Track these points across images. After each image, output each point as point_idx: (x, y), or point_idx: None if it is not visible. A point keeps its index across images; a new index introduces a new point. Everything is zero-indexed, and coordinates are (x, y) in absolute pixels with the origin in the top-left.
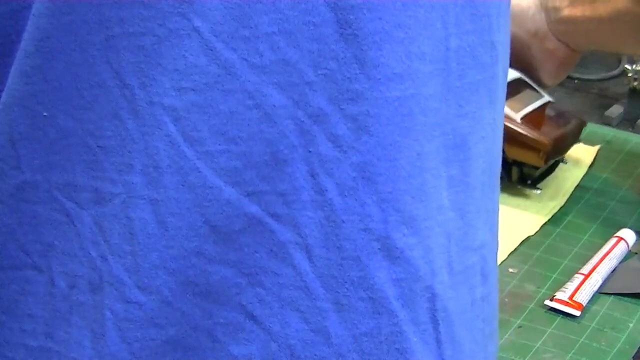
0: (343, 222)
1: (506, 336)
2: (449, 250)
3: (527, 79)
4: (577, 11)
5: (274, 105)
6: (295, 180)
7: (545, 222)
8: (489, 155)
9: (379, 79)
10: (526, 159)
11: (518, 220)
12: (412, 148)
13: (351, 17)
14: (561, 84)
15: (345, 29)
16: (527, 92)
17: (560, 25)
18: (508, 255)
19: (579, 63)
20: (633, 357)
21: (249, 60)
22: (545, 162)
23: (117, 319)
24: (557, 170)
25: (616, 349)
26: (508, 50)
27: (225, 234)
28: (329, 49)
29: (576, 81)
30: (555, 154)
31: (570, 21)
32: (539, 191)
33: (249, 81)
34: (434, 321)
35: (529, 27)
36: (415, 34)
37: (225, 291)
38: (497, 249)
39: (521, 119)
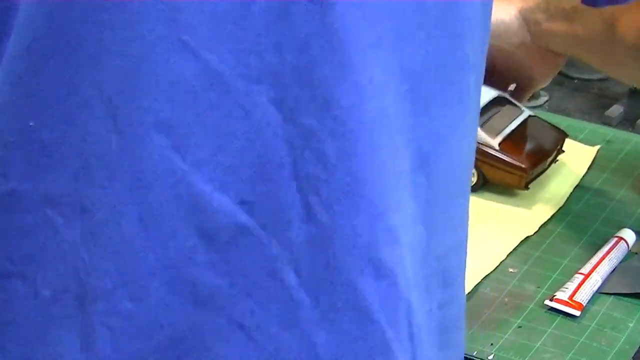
0: (331, 239)
1: (506, 336)
2: (414, 259)
3: (506, 95)
4: (556, 26)
5: (264, 118)
6: (284, 196)
7: (545, 222)
8: (457, 164)
9: (361, 94)
10: (506, 182)
11: (517, 220)
12: (390, 162)
13: (336, 25)
14: (561, 84)
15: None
16: (507, 110)
17: (541, 37)
18: (508, 255)
19: (579, 63)
20: (633, 357)
21: (240, 72)
22: (526, 185)
23: (106, 329)
24: (556, 170)
25: (616, 349)
26: (483, 57)
27: (217, 243)
28: (317, 65)
29: (576, 81)
30: (536, 175)
31: (549, 34)
32: (527, 190)
33: (240, 92)
34: (411, 336)
35: (513, 40)
36: (389, 48)
37: (216, 300)
38: (465, 253)
39: (499, 144)
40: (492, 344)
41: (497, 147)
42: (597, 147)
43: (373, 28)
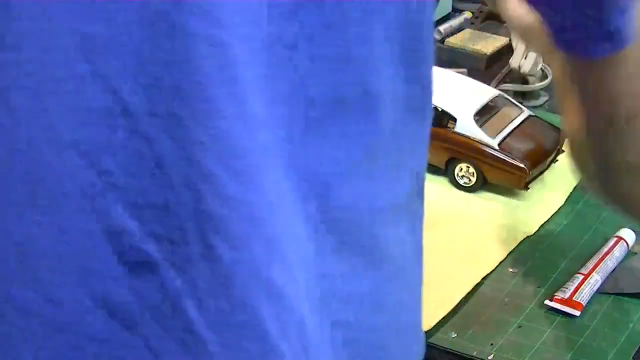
0: (233, 273)
1: (506, 336)
2: (306, 279)
3: (506, 95)
4: None
5: (166, 155)
6: (186, 233)
7: (545, 222)
8: (370, 204)
9: (253, 128)
10: (506, 182)
11: (517, 220)
12: (281, 188)
13: (233, 67)
14: None
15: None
16: (506, 109)
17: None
18: (508, 255)
19: None
20: (633, 357)
21: (149, 106)
22: (526, 185)
23: (26, 335)
24: (556, 170)
25: (616, 349)
26: (416, 88)
27: (131, 266)
28: (217, 108)
29: None
30: (536, 175)
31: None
32: (527, 190)
33: (144, 124)
34: (305, 348)
35: (529, 39)
36: (276, 79)
37: (133, 320)
38: (398, 282)
39: (499, 144)
40: (492, 344)
41: (496, 147)
42: None
43: (262, 59)
